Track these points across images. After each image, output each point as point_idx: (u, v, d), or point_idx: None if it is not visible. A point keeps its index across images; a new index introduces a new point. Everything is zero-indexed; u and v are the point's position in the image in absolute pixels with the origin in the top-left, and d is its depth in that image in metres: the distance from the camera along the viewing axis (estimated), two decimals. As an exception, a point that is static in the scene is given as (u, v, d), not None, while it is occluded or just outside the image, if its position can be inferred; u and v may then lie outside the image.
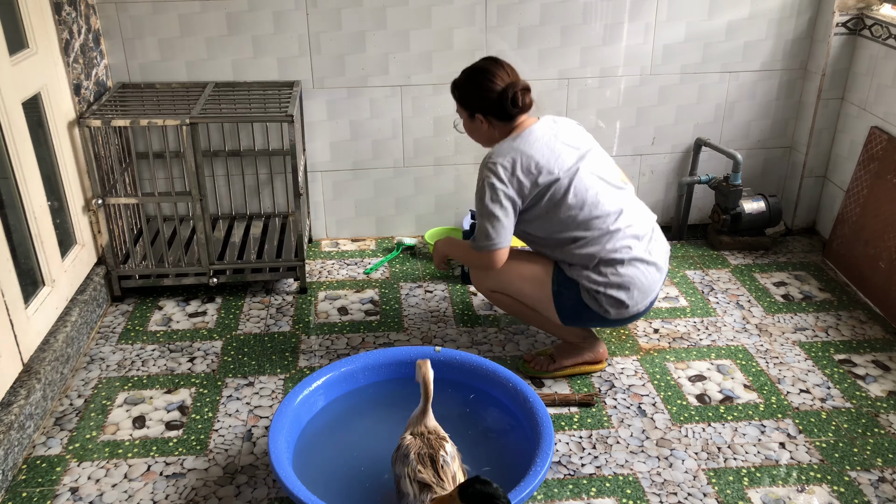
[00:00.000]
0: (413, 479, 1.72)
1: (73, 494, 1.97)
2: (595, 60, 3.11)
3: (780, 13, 3.11)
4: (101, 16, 2.85)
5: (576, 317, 2.28)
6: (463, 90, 2.29)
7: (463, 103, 2.30)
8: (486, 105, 2.23)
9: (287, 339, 2.63)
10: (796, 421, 2.24)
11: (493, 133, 2.29)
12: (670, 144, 3.31)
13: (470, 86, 2.26)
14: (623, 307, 2.21)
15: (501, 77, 2.22)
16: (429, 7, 2.96)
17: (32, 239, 2.36)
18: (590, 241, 2.18)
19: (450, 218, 3.35)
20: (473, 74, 2.26)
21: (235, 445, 2.15)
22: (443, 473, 1.72)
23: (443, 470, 1.73)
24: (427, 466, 1.73)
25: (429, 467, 1.73)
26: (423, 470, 1.72)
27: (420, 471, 1.72)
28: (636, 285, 2.20)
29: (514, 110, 2.22)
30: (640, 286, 2.21)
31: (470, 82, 2.26)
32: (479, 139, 2.35)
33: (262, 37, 2.94)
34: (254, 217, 3.23)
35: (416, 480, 1.72)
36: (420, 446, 1.77)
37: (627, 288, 2.19)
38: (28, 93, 2.35)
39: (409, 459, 1.75)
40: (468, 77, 2.27)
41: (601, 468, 2.07)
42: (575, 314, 2.27)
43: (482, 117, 2.26)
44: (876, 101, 2.98)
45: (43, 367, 2.23)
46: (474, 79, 2.25)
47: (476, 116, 2.27)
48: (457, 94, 2.31)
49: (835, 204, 3.23)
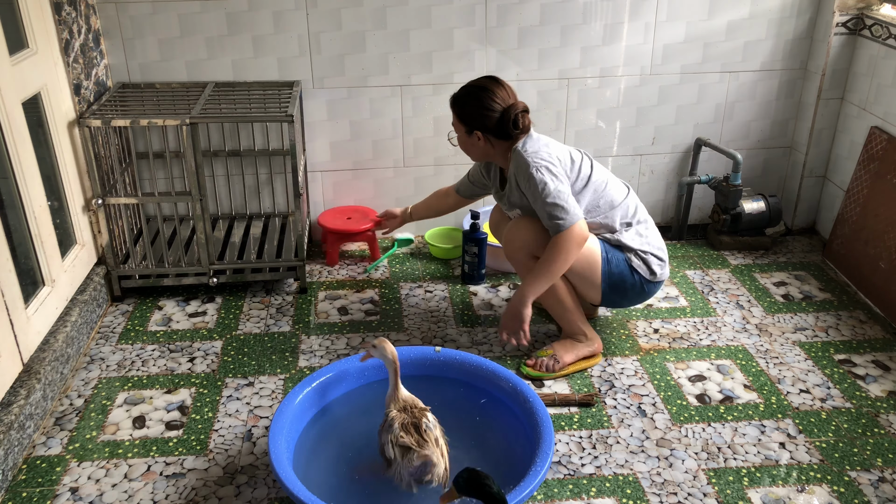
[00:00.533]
0: (395, 443, 1.83)
1: (73, 494, 1.97)
2: (595, 60, 3.11)
3: (780, 13, 3.11)
4: (101, 16, 2.85)
5: (618, 286, 2.37)
6: (463, 107, 2.35)
7: (462, 119, 2.36)
8: (487, 124, 2.31)
9: (287, 339, 2.63)
10: (796, 421, 2.24)
11: (488, 149, 2.38)
12: (670, 144, 3.31)
13: (471, 103, 2.32)
14: (664, 267, 2.41)
15: (503, 97, 2.31)
16: (429, 7, 2.96)
17: (32, 239, 2.36)
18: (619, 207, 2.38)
19: (449, 218, 3.35)
20: (475, 93, 2.32)
21: (235, 445, 2.15)
22: (426, 436, 1.84)
23: (426, 433, 1.85)
24: (409, 433, 1.84)
25: (411, 433, 1.85)
26: (405, 435, 1.84)
27: (402, 436, 1.83)
28: (661, 244, 2.43)
29: (515, 132, 2.31)
30: (663, 245, 2.44)
31: (471, 100, 2.32)
32: (472, 154, 2.43)
33: (262, 37, 2.94)
34: (254, 217, 3.23)
35: (397, 445, 1.83)
36: (404, 417, 1.88)
37: (661, 247, 2.42)
38: (28, 93, 2.35)
39: (393, 428, 1.86)
40: (469, 94, 2.33)
41: (601, 468, 2.07)
42: (619, 281, 2.36)
43: (480, 134, 2.33)
44: (876, 101, 2.98)
45: (43, 367, 2.23)
46: (476, 97, 2.31)
47: (474, 133, 2.35)
48: (456, 109, 2.38)
49: (835, 204, 3.23)
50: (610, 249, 2.35)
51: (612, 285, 2.36)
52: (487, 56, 3.06)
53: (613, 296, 2.40)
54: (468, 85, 2.37)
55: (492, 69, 3.08)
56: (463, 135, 2.39)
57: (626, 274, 2.35)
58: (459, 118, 2.37)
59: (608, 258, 2.33)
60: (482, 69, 3.07)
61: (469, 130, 2.35)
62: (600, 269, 2.33)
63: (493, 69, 3.08)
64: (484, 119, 2.31)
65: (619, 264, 2.34)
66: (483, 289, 2.95)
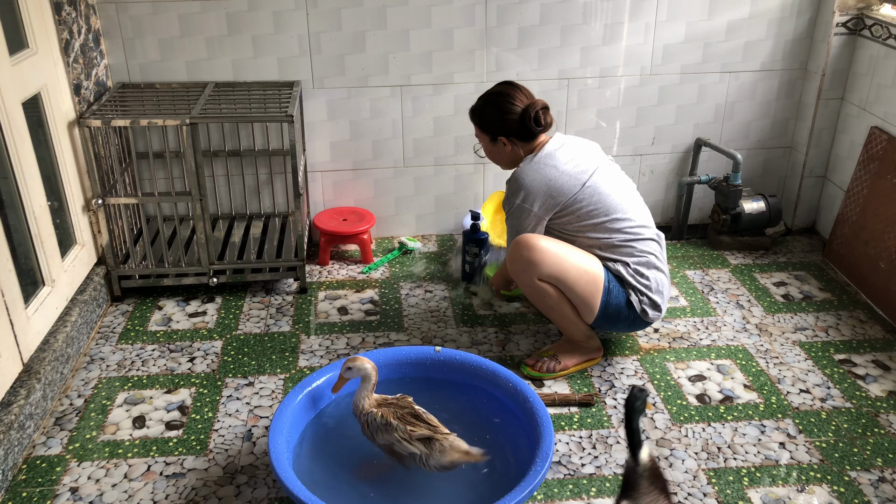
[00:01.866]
0: (411, 438, 1.84)
1: (73, 494, 1.97)
2: (595, 60, 3.11)
3: (780, 13, 3.11)
4: (101, 16, 2.85)
5: (612, 316, 2.34)
6: (483, 116, 2.37)
7: (484, 128, 2.38)
8: (509, 127, 2.32)
9: (287, 339, 2.63)
10: (796, 421, 2.24)
11: (515, 153, 2.38)
12: (670, 144, 3.31)
13: (490, 110, 2.34)
14: (658, 311, 2.37)
15: (520, 98, 2.32)
16: (429, 7, 2.96)
17: (32, 239, 2.36)
18: (620, 243, 2.31)
19: (449, 218, 3.35)
20: (492, 99, 2.34)
21: (235, 445, 2.15)
22: (429, 420, 1.87)
23: (427, 416, 1.89)
24: (414, 423, 1.86)
25: (416, 423, 1.86)
26: (415, 428, 1.85)
27: (412, 430, 1.84)
28: (663, 289, 2.37)
29: (537, 129, 2.32)
30: (665, 290, 2.38)
31: (490, 107, 2.34)
32: (500, 161, 2.44)
33: (262, 37, 2.94)
34: (254, 217, 3.23)
35: (415, 439, 1.84)
36: (393, 411, 1.89)
37: (661, 292, 2.36)
38: (28, 93, 2.35)
39: (391, 426, 1.86)
40: (487, 102, 2.35)
41: (601, 468, 2.07)
42: (615, 313, 2.33)
43: (505, 139, 2.34)
44: (876, 101, 2.98)
45: (43, 367, 2.23)
46: (494, 103, 2.33)
47: (499, 139, 2.36)
48: (476, 119, 2.40)
49: (835, 204, 3.23)
50: (613, 280, 2.31)
51: (607, 315, 2.34)
52: (487, 56, 3.06)
53: (605, 322, 2.38)
54: (485, 94, 2.39)
55: (492, 69, 3.08)
56: (488, 144, 2.40)
57: (623, 308, 2.33)
58: (481, 127, 2.38)
59: (609, 288, 2.30)
60: (482, 69, 3.07)
61: (493, 138, 2.37)
62: (600, 298, 2.30)
63: (492, 69, 3.08)
64: (505, 123, 2.32)
65: (619, 297, 2.32)
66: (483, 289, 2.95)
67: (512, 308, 2.82)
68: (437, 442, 1.84)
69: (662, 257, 2.39)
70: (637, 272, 2.32)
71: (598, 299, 2.29)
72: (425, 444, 1.85)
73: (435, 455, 1.84)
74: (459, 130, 3.18)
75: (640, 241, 2.33)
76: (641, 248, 2.33)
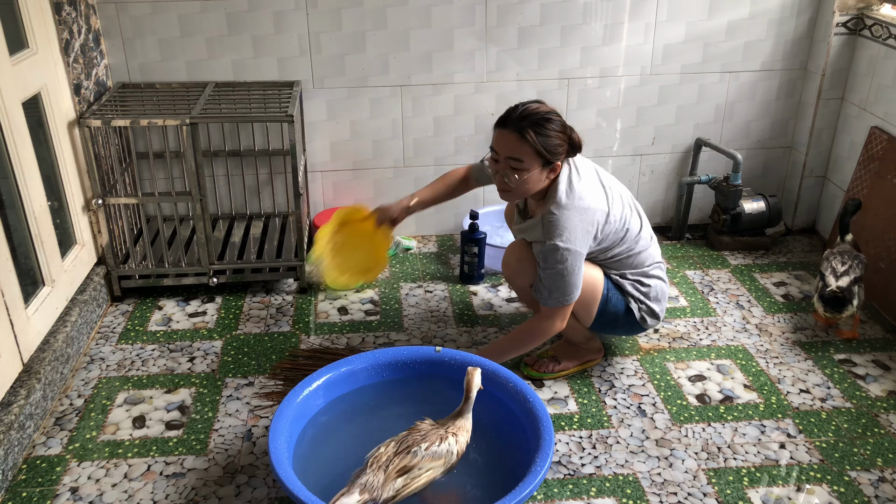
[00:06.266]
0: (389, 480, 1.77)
1: (73, 494, 1.97)
2: (595, 60, 3.11)
3: (780, 13, 3.11)
4: (102, 16, 2.85)
5: (609, 323, 2.33)
6: (547, 139, 2.05)
7: (542, 152, 2.06)
8: (562, 152, 2.11)
9: (287, 339, 2.63)
10: (796, 421, 2.24)
11: (544, 179, 2.14)
12: (670, 144, 3.31)
13: (554, 133, 2.06)
14: (656, 318, 2.35)
15: (560, 119, 2.11)
16: (429, 7, 2.96)
17: (32, 239, 2.36)
18: (628, 256, 2.27)
19: (450, 218, 3.35)
20: (549, 121, 2.07)
21: (235, 445, 2.15)
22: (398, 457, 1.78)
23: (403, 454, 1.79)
24: (389, 447, 1.81)
25: (391, 448, 1.80)
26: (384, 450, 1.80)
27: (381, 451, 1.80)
28: (662, 297, 2.36)
29: (576, 153, 2.16)
30: (664, 297, 2.37)
31: (552, 130, 2.06)
32: (531, 191, 2.14)
33: (262, 37, 2.94)
34: (254, 217, 3.23)
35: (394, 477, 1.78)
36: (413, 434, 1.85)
37: (660, 300, 2.35)
38: (28, 93, 2.35)
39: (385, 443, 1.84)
40: (548, 124, 2.06)
41: (601, 468, 2.07)
42: (612, 319, 2.32)
43: (559, 164, 2.12)
44: (876, 101, 2.98)
45: (43, 367, 2.23)
46: (555, 126, 2.07)
47: (554, 165, 2.10)
48: (533, 138, 2.04)
49: (835, 204, 3.23)
50: (612, 289, 2.29)
51: (604, 322, 2.33)
52: (487, 56, 3.06)
53: (601, 327, 2.37)
54: (535, 113, 2.06)
55: (492, 69, 3.08)
56: (537, 170, 2.08)
57: (621, 314, 2.31)
58: (538, 151, 2.05)
59: (608, 296, 2.28)
60: (482, 69, 3.07)
61: (547, 163, 2.08)
62: (598, 303, 2.28)
63: (492, 69, 3.08)
64: (560, 146, 2.08)
65: (617, 304, 2.30)
66: (483, 288, 2.95)
67: (512, 308, 2.82)
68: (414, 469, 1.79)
69: (662, 262, 2.37)
70: (637, 282, 2.31)
71: (595, 306, 2.28)
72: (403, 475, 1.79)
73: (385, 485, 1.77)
74: (459, 130, 3.18)
75: (639, 254, 2.28)
76: (642, 258, 2.29)
